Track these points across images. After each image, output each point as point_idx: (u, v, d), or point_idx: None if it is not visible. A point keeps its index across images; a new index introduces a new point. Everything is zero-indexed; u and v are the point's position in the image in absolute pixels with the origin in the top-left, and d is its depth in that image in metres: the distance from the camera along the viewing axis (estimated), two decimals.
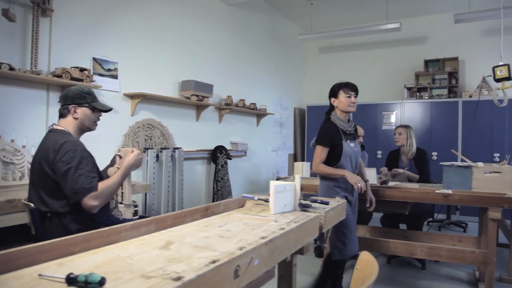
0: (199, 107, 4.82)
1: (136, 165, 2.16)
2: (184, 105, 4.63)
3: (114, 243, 1.48)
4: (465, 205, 3.26)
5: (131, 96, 3.87)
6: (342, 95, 2.87)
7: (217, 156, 4.94)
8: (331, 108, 2.98)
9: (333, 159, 2.85)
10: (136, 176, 3.91)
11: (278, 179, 4.15)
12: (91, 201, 1.89)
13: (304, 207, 2.07)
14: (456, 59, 6.83)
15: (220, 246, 1.35)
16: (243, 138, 5.83)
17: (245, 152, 5.77)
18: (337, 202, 2.36)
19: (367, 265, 1.23)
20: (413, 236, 3.62)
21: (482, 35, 6.76)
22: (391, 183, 3.44)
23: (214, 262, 1.16)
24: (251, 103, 5.78)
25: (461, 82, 6.90)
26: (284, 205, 2.01)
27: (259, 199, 2.22)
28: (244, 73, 5.92)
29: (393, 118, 6.93)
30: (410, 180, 4.00)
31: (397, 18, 6.42)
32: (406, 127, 4.20)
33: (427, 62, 7.07)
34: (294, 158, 7.57)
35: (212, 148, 5.03)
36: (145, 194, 3.78)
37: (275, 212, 1.95)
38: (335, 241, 2.87)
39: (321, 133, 2.90)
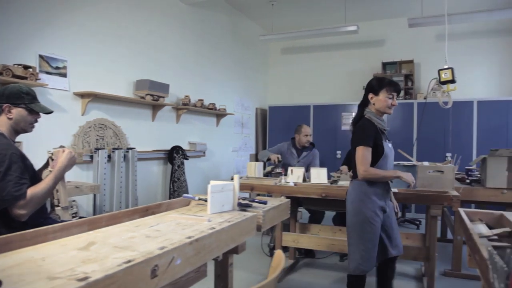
0: (155, 107, 4.76)
1: (70, 164, 2.11)
2: (139, 105, 4.57)
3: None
4: (410, 203, 3.35)
5: (82, 95, 3.78)
6: (383, 94, 2.55)
7: (174, 156, 4.90)
8: (365, 102, 2.68)
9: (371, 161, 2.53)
10: (86, 177, 3.83)
11: (232, 179, 4.16)
12: (19, 210, 1.85)
13: (243, 207, 2.09)
14: (411, 62, 7.05)
15: (141, 246, 1.34)
16: (202, 138, 5.80)
17: (204, 152, 5.75)
18: (279, 201, 2.39)
19: (277, 260, 1.26)
20: None
21: (436, 39, 7.00)
22: (340, 182, 3.51)
23: (128, 262, 1.15)
24: (210, 103, 5.77)
25: (417, 84, 7.13)
26: (222, 205, 2.02)
27: (199, 199, 2.23)
28: (203, 73, 5.90)
29: (352, 119, 7.06)
30: None
31: (355, 21, 6.54)
32: None
33: (384, 65, 7.25)
34: (256, 158, 7.61)
35: (169, 148, 4.98)
36: (94, 195, 3.70)
37: (212, 212, 1.96)
38: (353, 253, 2.60)
39: (361, 132, 2.56)
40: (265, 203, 2.13)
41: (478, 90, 6.74)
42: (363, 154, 2.50)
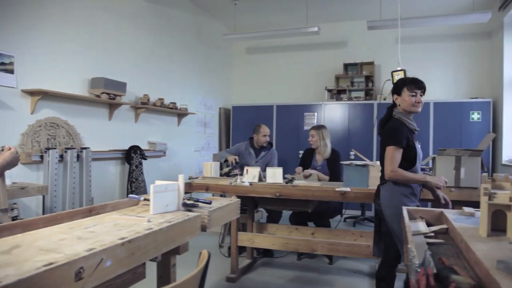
0: (112, 106, 4.65)
1: (12, 163, 2.03)
2: (94, 104, 4.44)
3: None
4: (361, 202, 3.41)
5: (31, 93, 3.64)
6: (405, 93, 2.53)
7: (132, 156, 4.80)
8: (394, 105, 2.66)
9: (404, 163, 2.48)
10: (36, 177, 3.69)
11: (190, 178, 4.12)
12: None
13: (188, 207, 2.06)
14: (372, 63, 7.20)
15: (69, 248, 1.30)
16: (162, 138, 5.72)
17: (164, 152, 5.67)
18: (228, 201, 2.38)
19: (201, 258, 1.27)
20: (319, 233, 3.75)
21: (395, 42, 7.16)
22: (296, 182, 3.53)
23: (50, 264, 1.11)
24: (170, 102, 5.69)
25: (377, 85, 7.28)
26: (166, 205, 1.99)
27: (145, 199, 2.19)
28: (164, 72, 5.81)
29: (314, 119, 7.15)
30: (320, 180, 4.14)
31: (317, 23, 6.62)
32: (319, 128, 4.31)
33: (346, 66, 7.37)
34: None
35: (127, 148, 4.88)
36: (43, 196, 3.57)
37: (154, 212, 1.93)
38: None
39: (394, 131, 2.51)
40: (209, 203, 2.11)
41: (434, 92, 6.95)
42: (392, 154, 2.45)
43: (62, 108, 4.02)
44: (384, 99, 6.86)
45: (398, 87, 2.59)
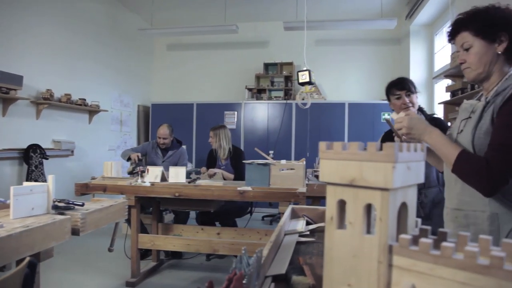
0: (6, 101, 4.27)
1: None
2: None
3: None
4: (261, 201, 3.43)
5: None
6: (392, 98, 2.42)
7: (30, 155, 4.46)
8: None
9: None
10: None
11: (92, 178, 3.91)
12: None
13: (60, 210, 1.92)
14: (291, 64, 7.35)
15: None
16: (70, 136, 5.39)
17: (72, 151, 5.35)
18: (112, 202, 2.26)
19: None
20: (224, 233, 3.71)
21: (315, 43, 7.38)
22: (199, 182, 3.47)
23: None
24: (79, 99, 5.38)
25: (296, 86, 7.43)
26: (32, 209, 1.83)
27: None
28: (73, 66, 5.47)
29: (234, 118, 7.15)
30: (225, 179, 4.13)
31: (237, 21, 6.60)
32: (216, 129, 4.33)
33: (266, 65, 7.47)
34: None
35: (26, 147, 4.53)
36: None
37: (15, 216, 1.76)
38: None
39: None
40: (82, 204, 1.99)
41: (350, 94, 7.25)
42: None
43: None
44: (303, 99, 7.03)
45: (386, 93, 2.49)
